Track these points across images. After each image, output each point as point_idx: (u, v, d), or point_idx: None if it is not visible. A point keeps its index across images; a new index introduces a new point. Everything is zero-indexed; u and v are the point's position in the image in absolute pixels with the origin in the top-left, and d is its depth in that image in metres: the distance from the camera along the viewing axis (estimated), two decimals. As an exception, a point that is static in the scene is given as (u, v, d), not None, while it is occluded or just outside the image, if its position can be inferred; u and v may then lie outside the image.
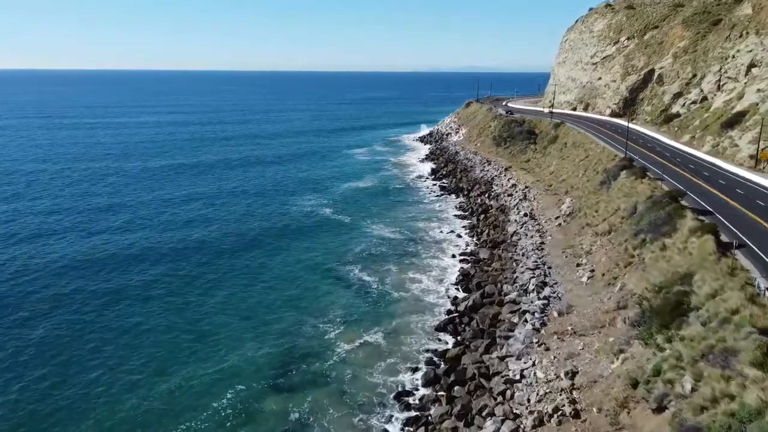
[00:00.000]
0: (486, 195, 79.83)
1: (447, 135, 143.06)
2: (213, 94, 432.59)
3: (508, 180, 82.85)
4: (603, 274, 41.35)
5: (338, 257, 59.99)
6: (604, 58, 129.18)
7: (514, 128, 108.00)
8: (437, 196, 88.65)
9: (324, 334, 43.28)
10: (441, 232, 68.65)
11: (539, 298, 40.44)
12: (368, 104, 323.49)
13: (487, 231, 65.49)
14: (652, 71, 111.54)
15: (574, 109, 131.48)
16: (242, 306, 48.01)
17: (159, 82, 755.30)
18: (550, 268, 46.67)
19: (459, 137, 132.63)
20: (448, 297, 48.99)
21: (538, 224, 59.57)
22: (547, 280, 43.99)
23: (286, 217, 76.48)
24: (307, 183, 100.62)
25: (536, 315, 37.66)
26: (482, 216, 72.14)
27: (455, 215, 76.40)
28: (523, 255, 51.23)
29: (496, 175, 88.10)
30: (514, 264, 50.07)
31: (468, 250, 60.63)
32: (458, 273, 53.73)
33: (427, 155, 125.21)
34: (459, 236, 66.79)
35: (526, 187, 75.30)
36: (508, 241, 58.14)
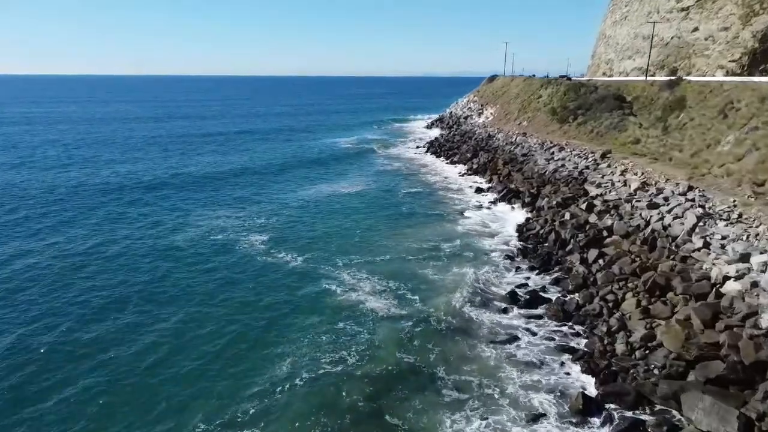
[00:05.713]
0: (580, 205, 38.63)
1: (467, 118, 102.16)
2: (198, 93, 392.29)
3: (620, 175, 41.70)
4: None
5: (259, 378, 18.90)
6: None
7: (586, 95, 66.78)
8: (476, 205, 47.73)
9: None
10: (504, 310, 27.84)
11: None
12: (365, 100, 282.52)
13: (637, 302, 24.44)
14: (798, 6, 71.17)
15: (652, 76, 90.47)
16: None
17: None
18: None
19: (486, 118, 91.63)
20: None
21: None
22: None
23: (193, 264, 35.34)
24: (260, 190, 59.66)
25: None
26: (590, 253, 30.98)
27: (519, 247, 35.53)
28: None
29: (585, 167, 46.82)
30: None
31: (618, 391, 19.85)
32: None
33: (440, 144, 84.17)
34: (569, 331, 25.87)
35: (689, 188, 34.01)
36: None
